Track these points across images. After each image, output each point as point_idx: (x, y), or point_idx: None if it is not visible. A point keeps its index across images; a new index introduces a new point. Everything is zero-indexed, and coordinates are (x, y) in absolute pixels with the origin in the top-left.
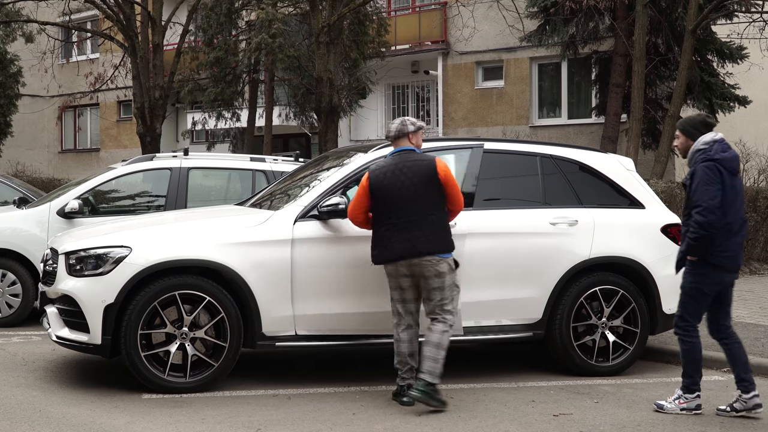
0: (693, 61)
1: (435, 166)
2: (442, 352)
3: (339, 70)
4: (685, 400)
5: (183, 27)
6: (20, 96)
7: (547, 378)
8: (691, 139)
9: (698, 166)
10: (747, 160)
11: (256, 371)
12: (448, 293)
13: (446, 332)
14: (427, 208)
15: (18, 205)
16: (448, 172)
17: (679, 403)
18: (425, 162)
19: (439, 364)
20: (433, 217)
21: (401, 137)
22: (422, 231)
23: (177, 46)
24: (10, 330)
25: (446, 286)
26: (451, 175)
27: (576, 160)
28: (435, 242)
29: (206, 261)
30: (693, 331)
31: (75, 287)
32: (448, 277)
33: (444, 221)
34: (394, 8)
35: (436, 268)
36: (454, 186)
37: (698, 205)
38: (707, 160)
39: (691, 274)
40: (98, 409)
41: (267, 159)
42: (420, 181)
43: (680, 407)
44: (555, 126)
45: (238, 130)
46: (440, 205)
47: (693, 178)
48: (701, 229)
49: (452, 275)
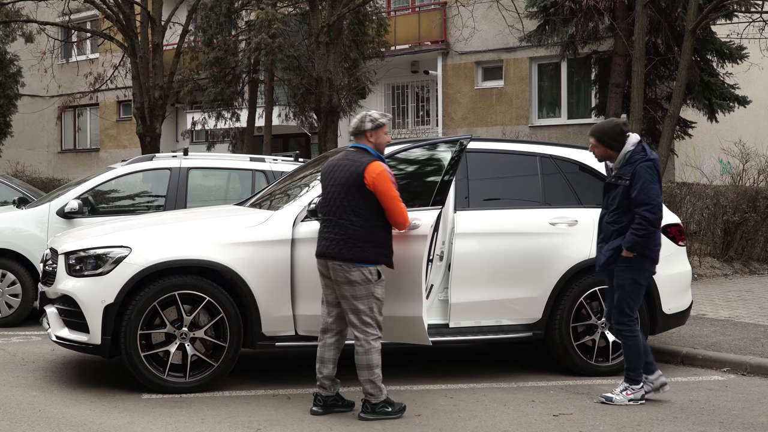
0: (693, 61)
1: (363, 172)
2: (375, 371)
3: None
4: (632, 391)
5: (183, 27)
6: (20, 96)
7: (546, 378)
8: (609, 148)
9: (639, 166)
10: (747, 160)
11: (255, 371)
12: (364, 305)
13: (370, 351)
14: (346, 213)
15: (18, 205)
16: (379, 181)
17: (627, 394)
18: (356, 165)
19: (377, 383)
20: (352, 223)
21: (358, 134)
22: (338, 234)
23: (177, 46)
24: (9, 330)
25: (359, 296)
26: (383, 185)
27: (576, 160)
28: (348, 249)
29: (206, 261)
30: (635, 325)
31: (75, 287)
32: (361, 287)
33: (366, 229)
34: (394, 8)
35: (346, 275)
36: (387, 198)
37: (647, 203)
38: (647, 160)
39: (629, 270)
40: (98, 409)
41: (267, 159)
42: (343, 183)
43: (628, 398)
44: (555, 126)
45: (237, 130)
46: (366, 213)
47: (635, 178)
48: (651, 226)
49: (369, 286)
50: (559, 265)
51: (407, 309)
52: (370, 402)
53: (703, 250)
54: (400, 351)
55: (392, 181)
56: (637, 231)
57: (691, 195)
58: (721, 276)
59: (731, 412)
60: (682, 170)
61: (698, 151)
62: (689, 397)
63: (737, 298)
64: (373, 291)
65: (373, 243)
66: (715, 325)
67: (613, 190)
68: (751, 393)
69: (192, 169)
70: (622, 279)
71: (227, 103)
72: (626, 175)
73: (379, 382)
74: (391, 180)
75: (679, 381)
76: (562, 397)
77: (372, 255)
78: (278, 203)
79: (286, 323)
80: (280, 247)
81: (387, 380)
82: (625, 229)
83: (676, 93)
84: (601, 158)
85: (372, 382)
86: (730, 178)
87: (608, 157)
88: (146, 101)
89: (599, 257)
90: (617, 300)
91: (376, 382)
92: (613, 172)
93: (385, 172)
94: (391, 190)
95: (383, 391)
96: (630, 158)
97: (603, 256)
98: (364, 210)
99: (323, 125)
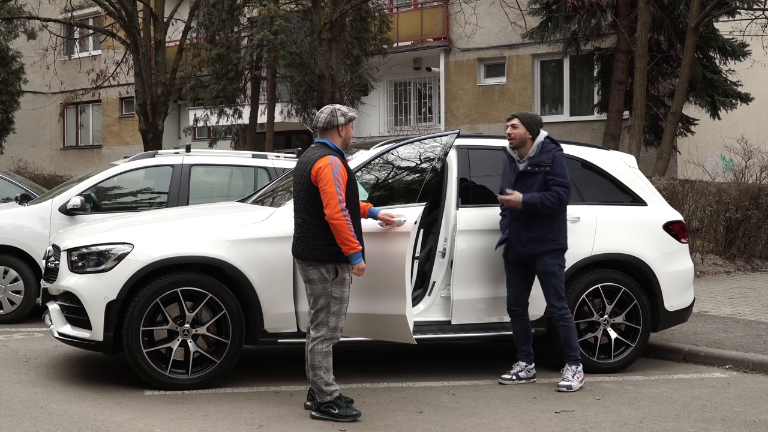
0: (695, 57)
1: (311, 168)
2: (318, 372)
3: (341, 67)
4: (580, 374)
5: (185, 24)
6: (22, 93)
7: (549, 375)
8: (530, 132)
9: (557, 153)
10: (749, 158)
11: (258, 368)
12: (319, 303)
13: (313, 351)
14: (300, 211)
15: (20, 201)
16: (321, 172)
17: (578, 378)
18: (310, 162)
19: (319, 384)
20: (305, 222)
21: (329, 129)
22: (297, 233)
23: (179, 42)
24: (12, 326)
25: (316, 295)
26: (323, 175)
27: (578, 157)
28: (302, 248)
29: (208, 258)
30: (567, 308)
31: (77, 284)
32: (318, 286)
33: (318, 227)
34: (396, 5)
35: (306, 273)
36: (322, 189)
37: (566, 186)
38: (560, 149)
39: (554, 256)
40: (100, 405)
41: (269, 156)
42: (300, 180)
43: (579, 381)
44: (557, 123)
45: (240, 126)
46: (316, 210)
47: (555, 163)
48: (561, 205)
49: (326, 285)
50: None
51: (390, 307)
52: (317, 400)
53: (706, 247)
54: (401, 348)
55: (336, 174)
56: (548, 199)
57: (693, 192)
58: (724, 273)
59: (733, 410)
60: (684, 167)
61: (701, 148)
62: (691, 395)
63: (739, 296)
64: (330, 290)
65: (326, 241)
66: (717, 322)
67: (531, 178)
68: (754, 390)
69: (194, 165)
70: (551, 267)
71: (229, 99)
72: (546, 162)
73: (323, 384)
74: (333, 172)
75: (681, 378)
76: (564, 394)
77: (325, 254)
78: (280, 200)
79: (288, 320)
80: (283, 243)
81: (388, 377)
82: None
83: (679, 90)
84: (518, 142)
85: (314, 383)
86: (733, 175)
87: (523, 143)
88: (149, 98)
89: (520, 248)
90: (552, 286)
91: (318, 383)
92: (525, 161)
93: (329, 166)
94: (326, 182)
95: (329, 393)
96: (545, 147)
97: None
98: (314, 207)
99: None
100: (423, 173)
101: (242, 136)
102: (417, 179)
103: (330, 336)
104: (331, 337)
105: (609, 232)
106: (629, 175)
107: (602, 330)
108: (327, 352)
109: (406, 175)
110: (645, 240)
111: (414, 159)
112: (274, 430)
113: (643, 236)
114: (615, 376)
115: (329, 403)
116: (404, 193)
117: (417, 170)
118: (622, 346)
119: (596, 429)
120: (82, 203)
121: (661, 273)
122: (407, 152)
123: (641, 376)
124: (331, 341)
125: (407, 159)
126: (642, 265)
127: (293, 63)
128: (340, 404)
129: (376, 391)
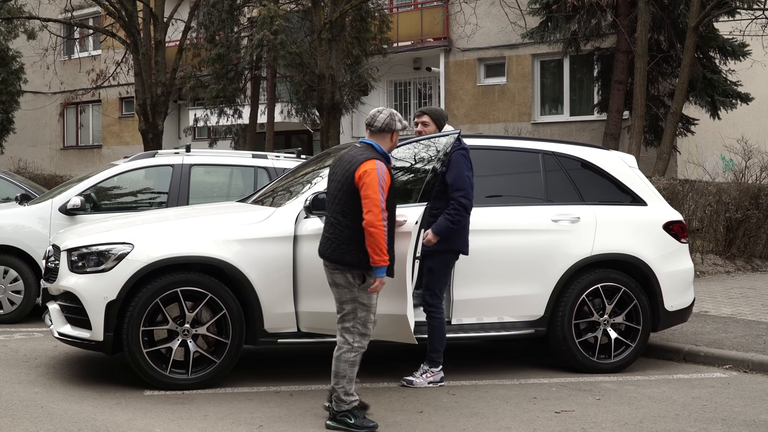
0: (695, 57)
1: (356, 169)
2: (341, 381)
3: (341, 67)
4: (431, 374)
5: (185, 24)
6: (22, 93)
7: (549, 375)
8: (438, 129)
9: (455, 153)
10: (749, 157)
11: (258, 368)
12: (345, 308)
13: (340, 359)
14: (336, 211)
15: (20, 201)
16: (365, 177)
17: (426, 377)
18: (354, 162)
19: (339, 394)
20: (339, 223)
21: (384, 131)
22: (329, 233)
23: (179, 42)
24: (12, 326)
25: (343, 300)
26: (367, 180)
27: (578, 157)
28: (333, 250)
29: (208, 258)
30: (442, 307)
31: (77, 284)
32: (344, 291)
33: (352, 231)
34: (396, 5)
35: (332, 276)
36: (365, 194)
37: (463, 189)
38: (461, 148)
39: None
40: (100, 405)
41: (269, 156)
42: (339, 179)
43: (428, 381)
44: (557, 123)
45: (240, 126)
46: (352, 213)
47: (451, 165)
48: (465, 212)
49: (353, 291)
50: (561, 262)
51: (391, 307)
52: (333, 408)
53: (706, 247)
54: (401, 347)
55: (381, 180)
56: (452, 216)
57: (693, 192)
58: (724, 273)
59: (733, 410)
60: (684, 167)
61: (701, 148)
62: (691, 395)
63: (739, 296)
64: (357, 296)
65: (357, 247)
66: (717, 322)
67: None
68: (754, 390)
69: (194, 165)
70: (434, 263)
71: (229, 99)
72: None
73: (343, 393)
74: (378, 178)
75: (681, 378)
76: (564, 394)
77: (354, 259)
78: (280, 200)
79: (289, 320)
80: (283, 243)
81: (388, 377)
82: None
83: (679, 90)
84: None
85: (335, 390)
86: (733, 175)
87: None
88: (148, 98)
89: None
90: (430, 282)
91: (338, 392)
92: None
93: (375, 171)
94: (370, 187)
95: (347, 402)
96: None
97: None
98: (351, 210)
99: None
100: (423, 173)
101: (242, 136)
102: (418, 179)
103: (358, 345)
104: (360, 347)
105: (609, 232)
106: (629, 175)
107: (602, 330)
108: (354, 362)
109: (407, 175)
110: (645, 240)
111: (414, 159)
112: (274, 430)
113: (643, 236)
114: (615, 376)
115: (346, 412)
116: (405, 193)
117: (417, 170)
118: (622, 346)
119: (596, 429)
120: (82, 203)
121: (661, 273)
122: (408, 152)
123: (641, 376)
124: (359, 351)
125: (408, 159)
126: (642, 265)
127: (293, 63)
128: (357, 414)
129: (376, 391)
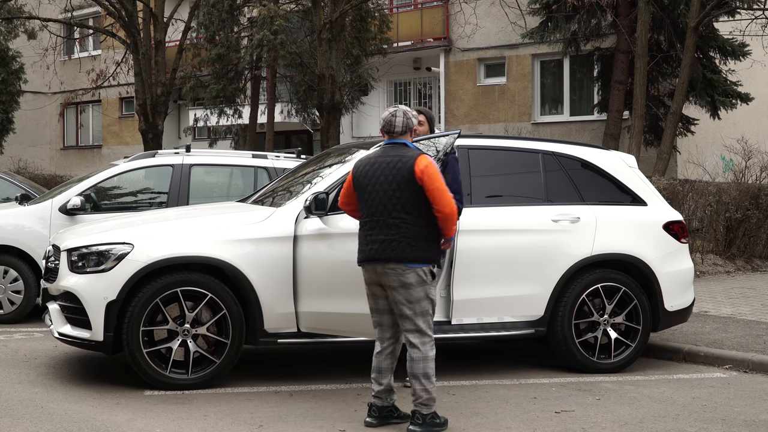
0: (695, 57)
1: (413, 166)
2: (429, 382)
3: (341, 67)
4: None
5: (185, 24)
6: (22, 93)
7: (549, 375)
8: (431, 130)
9: (450, 157)
10: (749, 157)
11: (258, 368)
12: (419, 308)
13: (426, 359)
14: (398, 210)
15: (20, 201)
16: (426, 171)
17: None
18: (404, 160)
19: (431, 394)
20: (404, 221)
21: (405, 132)
22: (389, 235)
23: (179, 42)
24: (12, 327)
25: (414, 300)
26: (430, 174)
27: (578, 157)
28: (402, 249)
29: (208, 258)
30: None
31: (77, 284)
32: (417, 290)
33: (420, 227)
34: (396, 5)
35: (400, 278)
36: (435, 187)
37: (459, 193)
38: (453, 152)
39: None
40: (100, 405)
41: (269, 156)
42: (395, 179)
43: None
44: (557, 123)
45: (240, 126)
46: (417, 209)
47: (447, 167)
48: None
49: (424, 288)
50: (561, 262)
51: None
52: (422, 413)
53: (706, 247)
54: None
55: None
56: None
57: (693, 192)
58: (724, 273)
59: (733, 410)
60: (684, 167)
61: (701, 148)
62: (691, 395)
63: (739, 296)
64: (428, 293)
65: (427, 241)
66: (717, 322)
67: None
68: (754, 390)
69: (194, 165)
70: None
71: (229, 99)
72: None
73: (435, 392)
74: (437, 170)
75: (681, 378)
76: (564, 394)
77: (427, 254)
78: (281, 200)
79: (289, 320)
80: (283, 243)
81: None
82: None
83: (679, 90)
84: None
85: (428, 392)
86: (733, 175)
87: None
88: (148, 98)
89: None
90: None
91: (431, 393)
92: None
93: (432, 164)
94: (439, 180)
95: (434, 401)
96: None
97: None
98: (415, 206)
99: (325, 122)
100: None
101: (242, 136)
102: None
103: (432, 338)
104: (432, 339)
105: (609, 232)
106: (629, 175)
107: (602, 330)
108: (434, 358)
109: None
110: (645, 240)
111: None
112: (274, 430)
113: (643, 236)
114: (615, 376)
115: (434, 414)
116: None
117: None
118: (622, 346)
119: (596, 429)
120: (82, 203)
121: (661, 273)
122: None
123: (641, 376)
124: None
125: None
126: (642, 265)
127: (293, 63)
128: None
129: None
